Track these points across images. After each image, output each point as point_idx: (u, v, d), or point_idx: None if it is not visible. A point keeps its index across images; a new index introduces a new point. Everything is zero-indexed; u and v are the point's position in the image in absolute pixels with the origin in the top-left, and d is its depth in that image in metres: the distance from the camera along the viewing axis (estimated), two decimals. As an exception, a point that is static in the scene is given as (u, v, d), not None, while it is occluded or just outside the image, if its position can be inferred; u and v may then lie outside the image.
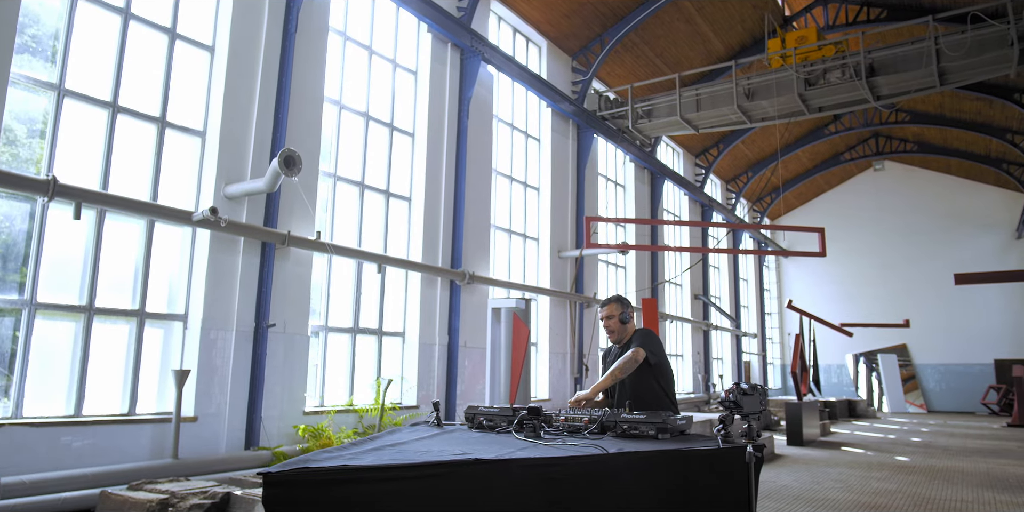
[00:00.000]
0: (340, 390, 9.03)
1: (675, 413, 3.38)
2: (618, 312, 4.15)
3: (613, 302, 4.21)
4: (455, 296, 10.51)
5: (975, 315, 24.19)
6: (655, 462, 2.44)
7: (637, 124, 14.51)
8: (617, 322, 4.13)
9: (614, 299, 4.24)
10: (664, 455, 2.47)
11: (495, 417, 3.23)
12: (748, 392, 2.62)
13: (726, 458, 2.54)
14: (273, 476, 1.87)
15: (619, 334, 4.16)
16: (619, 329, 4.15)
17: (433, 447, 2.48)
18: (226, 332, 7.38)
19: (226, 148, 7.55)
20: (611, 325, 4.15)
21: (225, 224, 6.95)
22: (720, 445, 2.57)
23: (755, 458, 2.42)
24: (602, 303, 4.26)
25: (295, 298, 8.16)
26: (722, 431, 2.63)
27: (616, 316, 4.14)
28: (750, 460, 2.40)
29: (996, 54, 11.24)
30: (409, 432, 3.05)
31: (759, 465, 2.50)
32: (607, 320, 4.17)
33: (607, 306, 4.21)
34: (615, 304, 4.19)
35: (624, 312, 4.15)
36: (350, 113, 9.56)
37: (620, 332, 4.16)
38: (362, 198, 9.58)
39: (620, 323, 4.14)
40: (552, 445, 2.59)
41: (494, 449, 2.46)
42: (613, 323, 4.14)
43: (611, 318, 4.15)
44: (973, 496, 7.17)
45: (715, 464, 2.53)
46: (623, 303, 4.21)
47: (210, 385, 7.18)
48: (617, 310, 4.16)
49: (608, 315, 4.17)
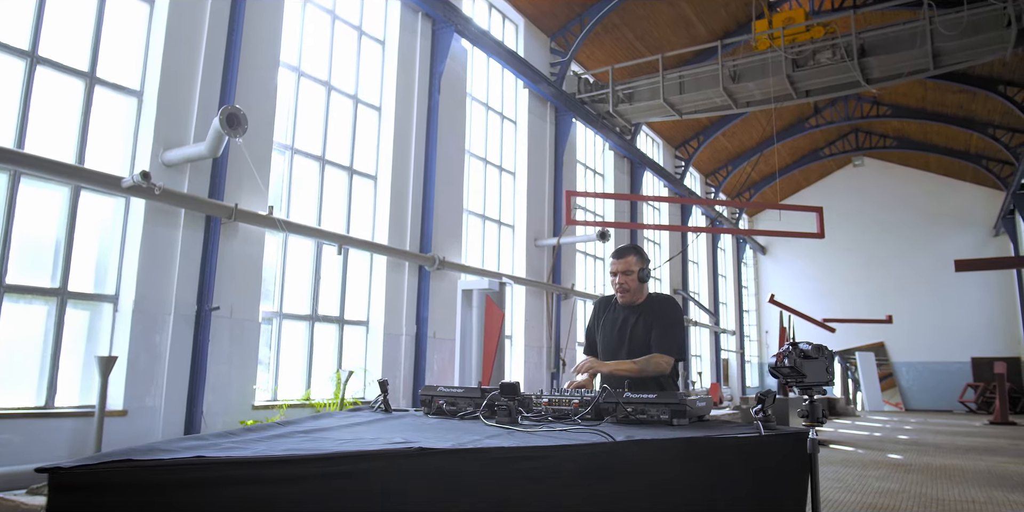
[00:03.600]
0: (296, 383, 8.24)
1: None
2: (637, 267, 3.30)
3: (632, 254, 3.34)
4: (424, 283, 9.76)
5: (953, 313, 23.99)
6: (678, 455, 1.74)
7: (618, 108, 13.88)
8: (635, 280, 3.30)
9: (632, 250, 3.37)
10: (691, 446, 1.77)
11: (458, 399, 2.51)
12: (811, 355, 1.92)
13: (771, 449, 1.86)
14: (67, 475, 1.13)
15: (633, 294, 3.34)
16: (634, 288, 3.32)
17: (365, 434, 1.76)
18: (163, 316, 6.56)
19: (166, 111, 6.73)
20: (627, 283, 3.30)
21: (160, 192, 6.13)
22: (762, 432, 1.89)
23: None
24: (616, 252, 3.38)
25: (244, 280, 7.36)
26: (761, 413, 1.95)
27: (636, 272, 3.30)
28: (814, 450, 1.73)
29: (992, 35, 10.79)
30: (342, 417, 2.32)
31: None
32: (623, 276, 3.30)
33: (624, 259, 3.31)
34: (634, 257, 3.32)
35: (644, 268, 3.32)
36: (310, 81, 8.77)
37: (635, 292, 3.33)
38: (323, 174, 8.79)
39: (638, 281, 3.31)
40: (534, 432, 1.90)
41: (452, 437, 1.76)
42: (631, 281, 3.29)
43: (629, 274, 3.29)
44: (983, 496, 6.61)
45: (756, 458, 1.85)
46: (643, 257, 3.36)
47: (143, 375, 6.36)
48: (637, 265, 3.31)
49: (625, 269, 3.29)
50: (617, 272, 3.33)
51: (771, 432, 1.90)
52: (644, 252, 3.43)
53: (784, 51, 11.94)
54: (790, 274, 27.03)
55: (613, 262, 3.36)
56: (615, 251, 3.41)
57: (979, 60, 11.39)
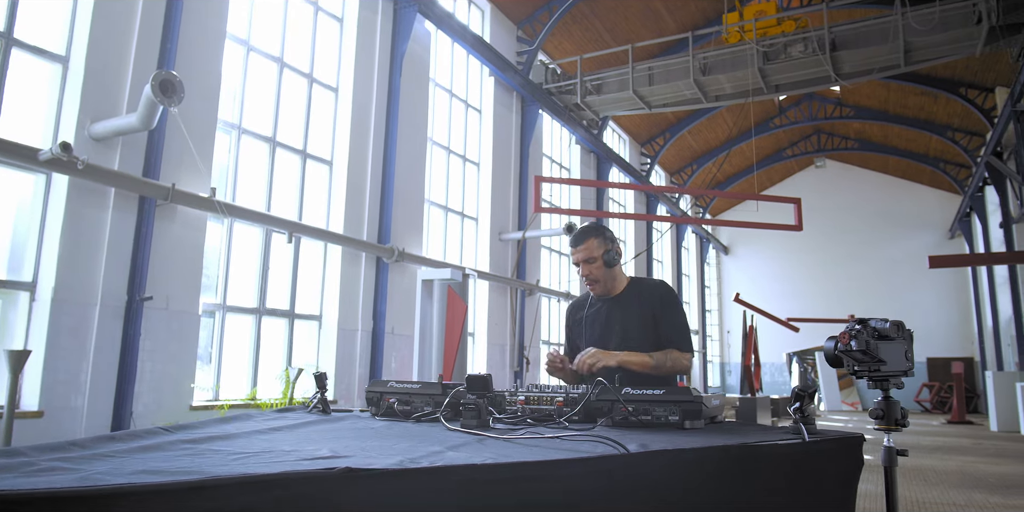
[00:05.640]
0: (240, 381, 7.63)
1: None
2: (600, 251, 2.70)
3: (592, 236, 2.73)
4: (382, 275, 9.21)
5: (908, 314, 24.05)
6: (711, 470, 1.29)
7: (586, 99, 13.49)
8: (600, 266, 2.70)
9: (592, 231, 2.76)
10: (726, 457, 1.32)
11: (414, 397, 2.03)
12: (888, 334, 1.48)
13: (816, 460, 1.43)
14: None
15: (605, 283, 2.74)
16: (604, 276, 2.72)
17: (281, 444, 1.27)
18: (88, 306, 5.91)
19: (95, 80, 6.08)
20: (592, 272, 2.71)
21: (84, 167, 5.50)
22: (806, 437, 1.46)
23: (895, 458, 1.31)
24: (573, 239, 2.77)
25: (183, 268, 6.73)
26: (799, 413, 1.52)
27: (599, 257, 2.69)
28: (891, 463, 1.30)
29: (962, 31, 10.70)
30: (263, 420, 1.82)
31: (890, 473, 1.40)
32: (585, 265, 2.71)
33: (584, 244, 2.71)
34: (595, 240, 2.72)
35: (610, 250, 2.70)
36: (261, 57, 8.15)
37: (607, 281, 2.74)
38: (273, 157, 8.18)
39: (605, 267, 2.71)
40: (512, 440, 1.44)
41: (401, 448, 1.29)
42: (595, 269, 2.70)
43: (591, 261, 2.70)
44: (963, 498, 6.37)
45: (801, 472, 1.41)
46: (606, 237, 2.75)
47: (63, 372, 5.71)
48: (599, 248, 2.70)
49: (587, 257, 2.70)
50: (579, 261, 2.74)
51: (816, 437, 1.48)
52: (607, 231, 2.81)
53: (756, 43, 11.69)
54: (752, 274, 27.08)
55: (572, 251, 2.77)
56: (572, 237, 2.79)
57: (950, 57, 11.30)
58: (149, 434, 1.37)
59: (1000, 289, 17.78)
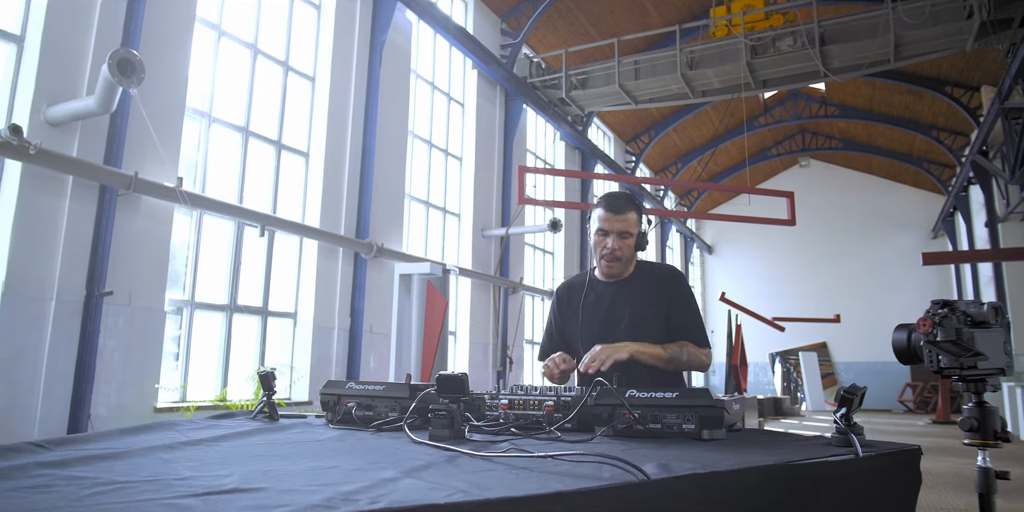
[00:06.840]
0: (209, 382, 7.26)
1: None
2: (638, 229, 2.38)
3: (633, 209, 2.38)
4: (360, 271, 8.86)
5: (892, 314, 24.12)
6: (753, 499, 0.98)
7: (571, 93, 13.21)
8: (632, 245, 2.38)
9: (635, 204, 2.41)
10: (767, 479, 1.02)
11: (376, 400, 1.72)
12: (984, 320, 1.16)
13: (870, 480, 1.14)
14: None
15: (624, 265, 2.41)
16: (628, 258, 2.40)
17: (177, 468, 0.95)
18: (43, 301, 5.53)
19: (52, 62, 5.70)
20: (622, 248, 2.34)
21: (36, 152, 5.12)
22: (859, 452, 1.17)
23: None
24: (612, 204, 2.35)
25: (147, 262, 6.35)
26: (846, 419, 1.23)
27: (635, 234, 2.36)
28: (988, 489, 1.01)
29: (953, 26, 10.55)
30: (189, 428, 1.50)
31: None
32: (618, 239, 2.33)
33: (624, 215, 2.33)
34: (635, 214, 2.38)
35: (646, 232, 2.41)
36: (233, 42, 7.79)
37: (626, 263, 2.41)
38: (246, 147, 7.81)
39: (635, 249, 2.41)
40: (494, 459, 1.13)
41: (345, 472, 0.97)
42: (626, 246, 2.36)
43: (626, 237, 2.34)
44: (963, 502, 6.16)
45: (854, 496, 1.13)
46: (645, 215, 2.46)
47: (14, 371, 5.32)
48: (637, 225, 2.38)
49: (623, 230, 2.33)
50: (611, 232, 2.34)
51: (870, 450, 1.20)
52: (645, 208, 2.49)
53: (744, 37, 11.48)
54: (736, 273, 26.98)
55: (607, 217, 2.35)
56: (609, 202, 2.37)
57: (940, 52, 11.16)
58: (6, 453, 1.05)
59: (985, 288, 17.76)
